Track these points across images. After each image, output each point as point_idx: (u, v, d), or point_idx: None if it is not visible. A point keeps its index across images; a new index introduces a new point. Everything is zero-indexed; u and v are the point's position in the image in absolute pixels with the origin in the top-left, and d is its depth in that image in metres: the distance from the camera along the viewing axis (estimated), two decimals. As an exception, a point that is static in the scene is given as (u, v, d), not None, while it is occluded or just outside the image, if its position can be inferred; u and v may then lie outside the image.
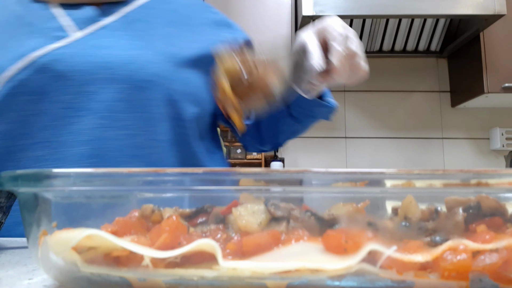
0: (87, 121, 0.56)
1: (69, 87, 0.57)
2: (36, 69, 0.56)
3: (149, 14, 0.66)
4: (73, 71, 0.57)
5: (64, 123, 0.56)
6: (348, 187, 0.25)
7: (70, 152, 0.55)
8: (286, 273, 0.24)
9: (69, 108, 0.56)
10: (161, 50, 0.62)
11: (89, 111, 0.56)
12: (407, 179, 0.24)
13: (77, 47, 0.59)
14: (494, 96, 1.82)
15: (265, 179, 0.25)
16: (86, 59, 0.58)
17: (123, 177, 0.25)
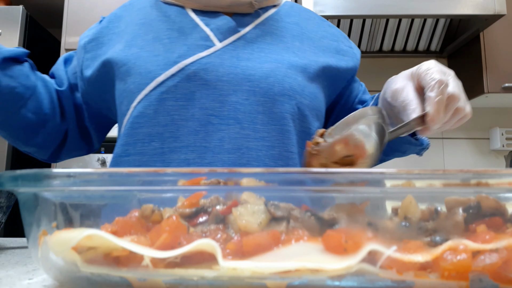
0: (232, 130, 0.58)
1: (216, 96, 0.59)
2: (185, 76, 0.59)
3: (277, 27, 0.68)
4: (219, 80, 0.60)
5: (210, 129, 0.58)
6: (348, 187, 0.25)
7: (216, 158, 0.57)
8: (286, 273, 0.23)
9: (215, 115, 0.59)
10: (292, 64, 0.63)
11: (234, 120, 0.59)
12: (407, 179, 0.24)
13: (220, 57, 0.61)
14: (494, 96, 1.82)
15: (265, 179, 0.25)
16: (229, 69, 0.60)
17: (123, 177, 0.25)
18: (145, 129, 0.59)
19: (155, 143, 0.59)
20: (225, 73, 0.60)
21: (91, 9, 1.81)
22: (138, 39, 0.65)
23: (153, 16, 0.67)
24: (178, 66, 0.60)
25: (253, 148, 0.58)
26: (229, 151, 0.57)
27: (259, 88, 0.60)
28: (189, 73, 0.60)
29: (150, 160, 0.58)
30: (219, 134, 0.58)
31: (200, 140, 0.58)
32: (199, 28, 0.64)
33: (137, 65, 0.62)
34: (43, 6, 2.18)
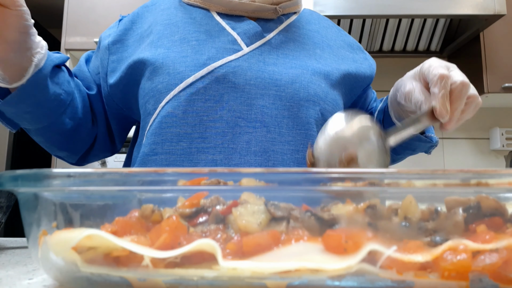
0: (259, 133, 0.59)
1: (243, 99, 0.61)
2: (214, 79, 0.61)
3: (299, 34, 0.69)
4: (247, 84, 0.61)
5: (238, 131, 0.59)
6: (348, 187, 0.25)
7: (243, 159, 0.58)
8: (286, 273, 0.23)
9: (242, 118, 0.60)
10: (316, 70, 0.65)
11: (261, 123, 0.60)
12: (407, 179, 0.24)
13: (248, 61, 0.63)
14: (494, 96, 1.82)
15: (265, 179, 0.25)
16: (257, 74, 0.62)
17: (123, 177, 0.25)
18: (173, 129, 0.60)
19: (183, 143, 0.59)
20: (253, 77, 0.61)
21: (91, 9, 1.81)
22: (164, 40, 0.65)
23: (179, 18, 0.68)
24: (207, 68, 0.61)
25: (279, 152, 0.59)
26: (255, 154, 0.59)
27: (285, 93, 0.61)
28: (218, 76, 0.61)
29: (177, 160, 0.59)
30: (246, 137, 0.59)
31: (228, 141, 0.59)
32: (226, 32, 0.65)
33: (165, 65, 0.62)
34: (43, 6, 2.18)
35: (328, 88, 0.65)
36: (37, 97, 0.56)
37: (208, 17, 0.67)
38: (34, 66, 0.53)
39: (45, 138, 0.64)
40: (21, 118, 0.59)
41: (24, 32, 0.50)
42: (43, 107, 0.58)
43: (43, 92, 0.56)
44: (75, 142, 0.67)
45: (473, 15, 1.62)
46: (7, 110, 0.56)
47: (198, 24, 0.66)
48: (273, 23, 0.68)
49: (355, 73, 0.69)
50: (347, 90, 0.70)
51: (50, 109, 0.59)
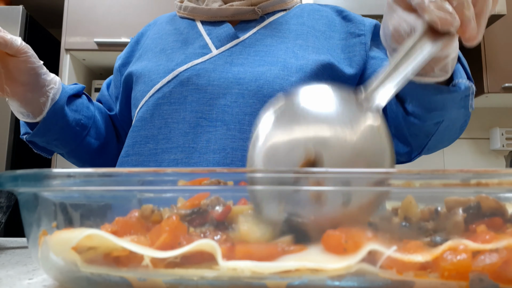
0: (219, 131, 0.61)
1: (205, 100, 0.62)
2: (179, 82, 0.64)
3: (280, 29, 0.69)
4: (209, 85, 0.63)
5: (199, 131, 0.61)
6: (349, 187, 0.25)
7: (203, 158, 0.60)
8: (286, 273, 0.23)
9: (204, 118, 0.62)
10: (288, 65, 0.64)
11: (221, 122, 0.61)
12: (407, 179, 0.24)
13: (214, 63, 0.65)
14: (494, 96, 1.82)
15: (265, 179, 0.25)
16: (221, 74, 0.63)
17: (123, 177, 0.25)
18: (142, 132, 0.64)
19: (150, 144, 0.63)
20: (216, 77, 0.63)
21: (91, 9, 1.81)
22: (149, 53, 0.71)
23: (166, 30, 0.73)
24: (173, 73, 0.64)
25: (238, 148, 0.60)
26: (214, 152, 0.60)
27: (248, 90, 0.62)
28: (183, 79, 0.64)
29: (145, 160, 0.63)
30: (207, 136, 0.61)
31: (189, 141, 0.61)
32: (201, 38, 0.68)
33: (143, 75, 0.68)
34: (43, 6, 2.18)
35: (301, 81, 0.63)
36: (59, 125, 0.64)
37: (191, 26, 0.71)
38: (50, 100, 0.60)
39: (77, 158, 0.73)
40: (51, 145, 0.67)
41: (34, 74, 0.57)
42: (67, 132, 0.66)
43: (64, 120, 0.64)
44: (104, 158, 0.75)
45: (473, 15, 1.62)
46: (38, 140, 0.65)
47: (180, 33, 0.71)
48: (255, 23, 0.69)
49: (340, 68, 0.65)
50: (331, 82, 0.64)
51: (74, 133, 0.67)
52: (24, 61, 0.55)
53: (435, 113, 0.50)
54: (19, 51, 0.54)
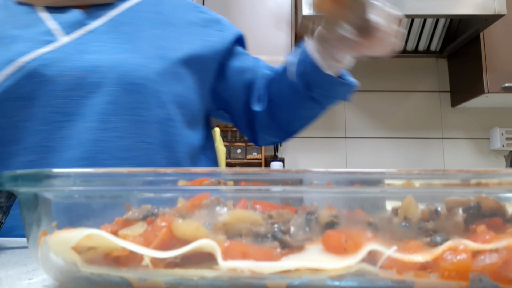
0: (77, 125, 0.56)
1: (58, 92, 0.56)
2: (24, 74, 0.56)
3: (136, 17, 0.65)
4: (61, 75, 0.57)
5: (54, 127, 0.56)
6: (348, 187, 0.25)
7: (60, 156, 0.55)
8: (286, 273, 0.24)
9: (58, 113, 0.56)
10: (148, 53, 0.61)
11: (79, 115, 0.56)
12: (407, 179, 0.24)
13: (65, 52, 0.58)
14: (494, 96, 1.82)
15: (265, 179, 0.25)
16: (73, 64, 0.57)
17: (123, 177, 0.25)
18: None
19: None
20: (68, 67, 0.57)
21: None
22: None
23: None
24: (16, 64, 0.56)
25: (100, 140, 0.56)
26: (72, 147, 0.55)
27: (106, 79, 0.57)
28: (29, 71, 0.56)
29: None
30: (63, 132, 0.56)
31: (43, 140, 0.55)
32: (43, 24, 0.60)
33: None
34: (43, 6, 2.17)
35: (163, 69, 0.61)
36: None
37: (30, 12, 0.62)
38: None
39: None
40: None
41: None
42: None
43: None
44: None
45: (473, 15, 1.62)
46: None
47: (17, 20, 0.62)
48: (107, 9, 0.64)
49: (201, 53, 0.66)
50: (196, 70, 0.66)
51: None
52: None
53: (331, 100, 0.67)
54: None
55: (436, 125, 2.10)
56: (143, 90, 0.59)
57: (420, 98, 2.13)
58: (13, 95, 0.56)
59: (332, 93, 0.65)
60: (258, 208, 0.28)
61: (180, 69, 0.63)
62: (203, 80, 0.68)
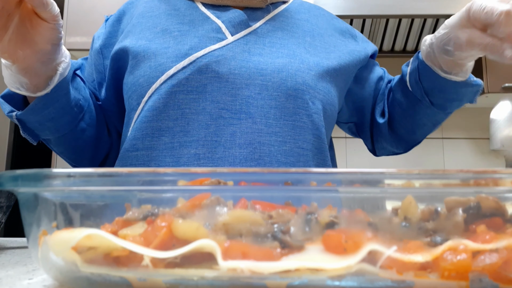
0: (245, 124, 0.57)
1: (227, 89, 0.58)
2: (196, 69, 0.58)
3: (287, 23, 0.67)
4: (231, 73, 0.59)
5: (222, 123, 0.57)
6: (348, 187, 0.25)
7: (228, 153, 0.56)
8: (286, 273, 0.23)
9: (227, 109, 0.58)
10: (305, 59, 0.63)
11: (246, 114, 0.58)
12: (407, 179, 0.24)
13: (232, 50, 0.60)
14: (494, 96, 1.81)
15: (265, 179, 0.25)
16: (241, 63, 0.60)
17: (123, 177, 0.25)
18: (154, 123, 0.58)
19: (165, 137, 0.57)
20: (237, 66, 0.59)
21: (91, 9, 1.81)
22: (146, 32, 0.64)
23: (162, 10, 0.66)
24: (189, 59, 0.59)
25: (266, 143, 0.57)
26: (240, 146, 0.56)
27: (271, 82, 0.59)
28: (201, 66, 0.58)
29: (160, 155, 0.57)
30: (231, 129, 0.57)
31: (211, 134, 0.56)
32: (210, 20, 0.63)
33: (146, 58, 0.61)
34: (43, 6, 2.18)
35: (318, 76, 0.63)
36: (61, 103, 0.56)
37: (193, 7, 0.66)
38: (59, 75, 0.53)
39: (65, 147, 0.64)
40: (43, 127, 0.58)
41: (55, 44, 0.51)
42: (65, 113, 0.58)
43: (66, 97, 0.57)
44: (94, 148, 0.67)
45: (473, 15, 1.62)
46: (30, 119, 0.56)
47: (182, 15, 0.65)
48: (261, 12, 0.66)
49: (346, 63, 0.67)
50: (340, 80, 0.68)
51: (71, 114, 0.60)
52: (53, 29, 0.49)
53: (456, 103, 0.64)
54: (54, 17, 0.48)
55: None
56: (303, 95, 0.60)
57: (420, 98, 2.13)
58: (184, 88, 0.58)
59: (456, 96, 0.62)
60: (258, 208, 0.28)
61: (330, 77, 0.65)
62: (343, 89, 0.70)
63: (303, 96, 0.60)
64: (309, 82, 0.61)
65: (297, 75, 0.60)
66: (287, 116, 0.59)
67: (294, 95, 0.60)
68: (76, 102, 0.60)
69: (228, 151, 0.56)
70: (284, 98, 0.59)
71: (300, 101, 0.60)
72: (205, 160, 0.55)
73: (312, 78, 0.62)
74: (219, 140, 0.56)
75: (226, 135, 0.56)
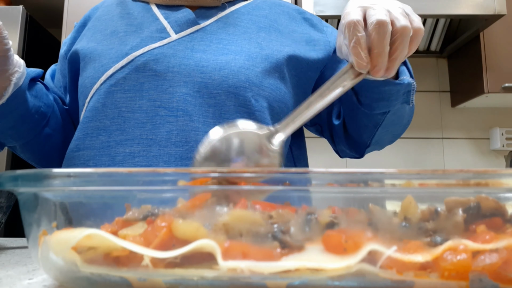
0: (182, 122, 0.56)
1: (164, 87, 0.58)
2: (134, 68, 0.58)
3: (242, 19, 0.66)
4: (169, 71, 0.58)
5: (158, 121, 0.56)
6: (348, 187, 0.25)
7: (162, 151, 0.55)
8: (286, 273, 0.23)
9: (163, 107, 0.57)
10: (252, 55, 0.61)
11: (184, 112, 0.57)
12: (407, 179, 0.24)
13: (173, 48, 0.60)
14: (494, 96, 1.81)
15: (265, 179, 0.25)
16: (181, 61, 0.59)
17: (123, 177, 0.25)
18: (93, 123, 0.59)
19: (102, 136, 0.58)
20: (176, 64, 0.58)
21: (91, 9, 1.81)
22: (97, 35, 0.65)
23: (116, 13, 0.67)
24: (127, 58, 0.59)
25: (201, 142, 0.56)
26: (176, 144, 0.55)
27: (211, 80, 0.58)
28: (139, 65, 0.58)
29: (97, 155, 0.57)
30: (167, 127, 0.56)
31: (147, 132, 0.56)
32: (158, 21, 0.63)
33: (92, 60, 0.62)
34: (43, 6, 2.18)
35: (265, 73, 0.60)
36: (18, 111, 0.57)
37: (146, 9, 0.66)
38: (13, 85, 0.54)
39: (31, 153, 0.65)
40: (5, 135, 0.60)
41: (3, 56, 0.51)
42: (25, 121, 0.59)
43: (24, 106, 0.58)
44: (61, 153, 0.67)
45: (473, 15, 1.62)
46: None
47: (133, 17, 0.65)
48: (216, 10, 0.66)
49: (305, 56, 0.64)
50: (297, 73, 0.65)
51: (32, 122, 0.60)
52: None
53: (382, 103, 0.58)
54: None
55: (436, 125, 2.10)
56: (245, 93, 0.58)
57: (420, 98, 2.13)
58: (123, 87, 0.58)
59: (380, 95, 0.56)
60: (258, 208, 0.28)
61: (280, 73, 0.62)
62: (301, 85, 0.67)
63: (245, 93, 0.58)
64: (252, 79, 0.59)
65: (240, 72, 0.58)
66: (227, 115, 0.57)
67: (235, 93, 0.58)
68: (36, 109, 0.61)
69: (163, 149, 0.55)
70: (225, 96, 0.57)
71: (242, 99, 0.58)
72: (140, 159, 0.55)
73: (257, 75, 0.59)
74: (155, 138, 0.56)
75: (161, 133, 0.56)
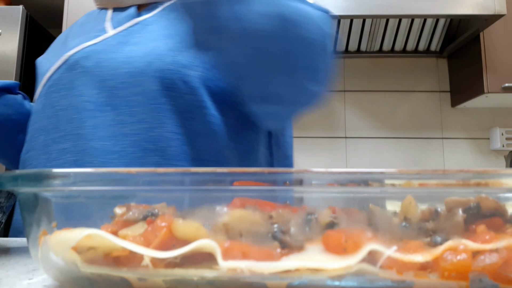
0: (109, 117, 0.56)
1: (93, 83, 0.58)
2: (67, 67, 0.60)
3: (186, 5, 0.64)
4: (98, 67, 0.58)
5: (86, 116, 0.57)
6: (348, 187, 0.25)
7: (88, 145, 0.55)
8: (286, 273, 0.23)
9: (91, 102, 0.57)
10: (185, 36, 0.58)
11: (111, 107, 0.56)
12: (407, 179, 0.24)
13: (106, 44, 0.60)
14: (494, 96, 1.81)
15: (265, 179, 0.25)
16: (111, 55, 0.58)
17: (123, 177, 0.25)
18: (35, 125, 0.61)
19: (42, 136, 0.59)
20: (106, 58, 0.58)
21: (91, 9, 1.81)
22: (56, 45, 0.67)
23: (78, 22, 0.69)
24: (62, 59, 0.60)
25: (129, 134, 0.55)
26: (102, 139, 0.55)
27: (137, 68, 0.56)
28: (71, 63, 0.60)
29: (37, 154, 0.59)
30: (93, 121, 0.56)
31: (75, 127, 0.57)
32: (103, 23, 0.64)
33: (40, 67, 0.65)
34: (43, 6, 2.18)
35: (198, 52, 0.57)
36: None
37: (101, 14, 0.67)
38: None
39: (7, 158, 0.69)
40: None
41: None
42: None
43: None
44: None
45: (473, 15, 1.62)
46: None
47: (87, 23, 0.67)
48: (163, 3, 0.64)
49: None
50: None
51: (2, 129, 0.64)
52: None
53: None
54: None
55: (436, 125, 2.10)
56: (171, 76, 0.56)
57: (420, 98, 2.13)
58: (57, 87, 0.60)
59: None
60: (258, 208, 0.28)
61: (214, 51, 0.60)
62: None
63: (171, 76, 0.55)
64: (181, 60, 0.56)
65: (166, 55, 0.56)
66: (152, 101, 0.55)
67: (160, 77, 0.55)
68: (6, 117, 0.64)
69: (89, 144, 0.55)
70: (150, 82, 0.55)
71: (168, 82, 0.55)
72: (70, 154, 0.56)
73: (189, 55, 0.57)
74: (82, 132, 0.56)
75: (88, 128, 0.56)
